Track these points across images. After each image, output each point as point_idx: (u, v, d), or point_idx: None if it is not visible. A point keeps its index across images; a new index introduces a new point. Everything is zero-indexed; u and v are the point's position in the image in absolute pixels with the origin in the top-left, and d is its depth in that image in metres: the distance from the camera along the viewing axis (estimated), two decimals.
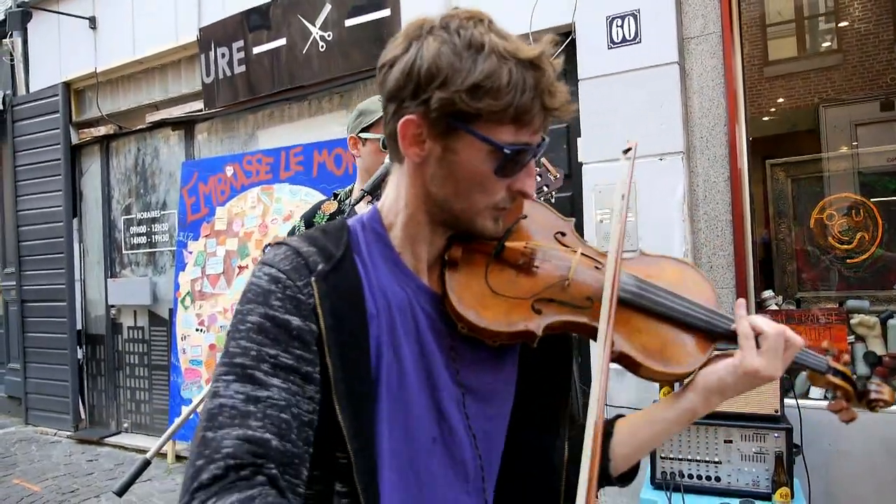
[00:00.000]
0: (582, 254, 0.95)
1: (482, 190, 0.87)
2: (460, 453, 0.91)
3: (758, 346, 0.95)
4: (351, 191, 2.48)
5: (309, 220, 2.46)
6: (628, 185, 0.98)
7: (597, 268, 0.95)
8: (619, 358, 0.93)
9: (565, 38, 3.90)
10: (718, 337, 0.98)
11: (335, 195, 2.50)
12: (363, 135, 2.31)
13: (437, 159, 0.86)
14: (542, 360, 0.98)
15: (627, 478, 1.06)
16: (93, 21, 6.47)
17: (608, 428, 1.03)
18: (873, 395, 1.00)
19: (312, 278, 0.84)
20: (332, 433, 0.82)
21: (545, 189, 1.97)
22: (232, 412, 0.76)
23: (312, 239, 0.90)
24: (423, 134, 0.85)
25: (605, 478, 1.02)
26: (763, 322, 0.96)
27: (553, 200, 0.93)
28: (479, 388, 0.93)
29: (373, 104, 2.33)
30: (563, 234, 0.98)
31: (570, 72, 4.01)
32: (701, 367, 0.97)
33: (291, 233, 2.49)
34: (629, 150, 1.06)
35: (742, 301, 1.02)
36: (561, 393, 1.01)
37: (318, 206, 2.49)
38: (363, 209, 1.98)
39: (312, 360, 0.82)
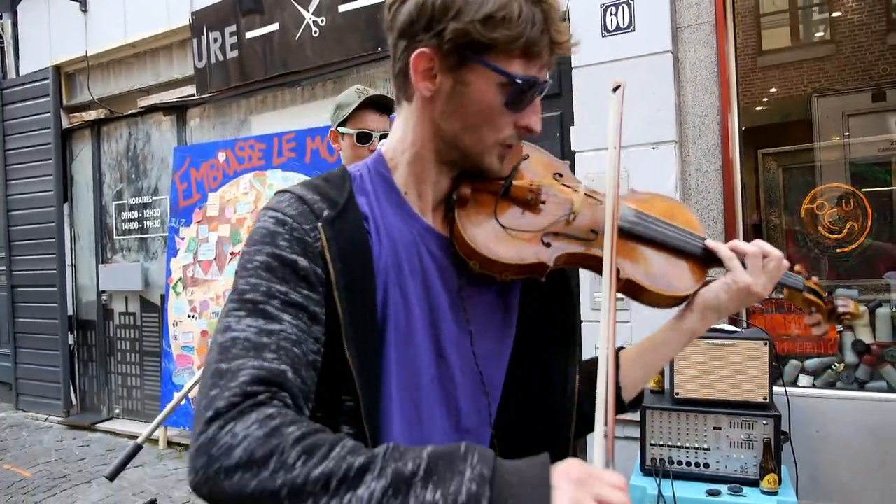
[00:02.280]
0: (584, 192, 1.00)
1: (491, 124, 0.89)
2: (454, 393, 0.92)
3: (743, 265, 1.02)
4: None
5: None
6: (620, 118, 1.03)
7: (598, 202, 1.01)
8: (626, 285, 0.98)
9: None
10: (713, 262, 1.05)
11: None
12: (340, 129, 2.30)
13: (448, 93, 0.87)
14: (542, 298, 1.00)
15: (637, 403, 1.11)
16: (83, 4, 6.39)
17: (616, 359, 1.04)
18: (841, 309, 1.08)
19: (319, 223, 0.85)
20: (339, 376, 0.83)
21: None
22: (245, 344, 0.76)
23: (315, 187, 0.90)
24: (434, 68, 0.86)
25: (619, 404, 1.06)
26: (741, 243, 1.03)
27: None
28: (485, 328, 0.95)
29: (348, 97, 2.31)
30: (561, 175, 1.02)
31: (563, 60, 4.00)
32: (698, 290, 1.04)
33: None
34: (618, 87, 1.11)
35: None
36: (564, 329, 1.03)
37: None
38: None
39: (319, 301, 0.82)
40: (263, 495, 0.66)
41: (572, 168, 3.84)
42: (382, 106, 2.31)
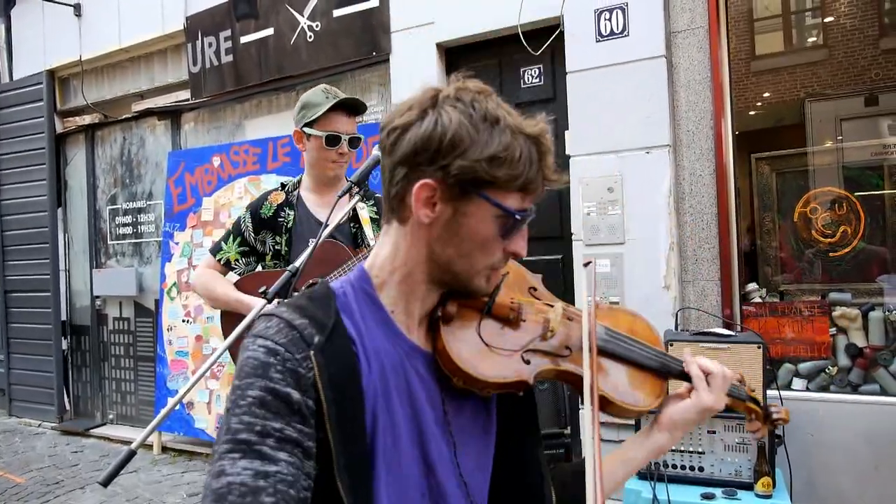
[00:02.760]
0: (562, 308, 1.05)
1: (484, 251, 0.93)
2: (444, 500, 0.93)
3: (707, 384, 1.10)
4: (299, 182, 2.42)
5: (255, 210, 2.38)
6: (594, 290, 1.10)
7: (570, 319, 1.06)
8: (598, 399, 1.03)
9: (553, 30, 3.91)
10: (672, 376, 1.12)
11: (282, 186, 2.43)
12: (307, 130, 2.24)
13: (447, 221, 0.91)
14: (514, 410, 1.04)
15: None
16: (77, 8, 6.39)
17: (582, 469, 1.09)
18: (775, 416, 1.18)
19: (311, 352, 0.85)
20: (331, 503, 0.83)
21: None
22: (242, 489, 0.75)
23: (301, 309, 0.90)
24: (435, 197, 0.90)
25: None
26: (708, 362, 1.11)
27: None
28: (467, 441, 0.98)
29: (316, 97, 2.26)
30: (535, 289, 1.08)
31: (558, 64, 4.02)
32: (660, 404, 1.11)
33: (237, 224, 2.42)
34: (588, 263, 1.20)
35: (688, 350, 1.14)
36: (535, 439, 1.07)
37: (265, 197, 2.41)
38: (346, 203, 1.97)
39: (312, 434, 0.82)
40: None
41: (567, 171, 3.86)
42: (352, 108, 2.28)
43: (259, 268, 2.43)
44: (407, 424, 0.91)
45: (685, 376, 1.11)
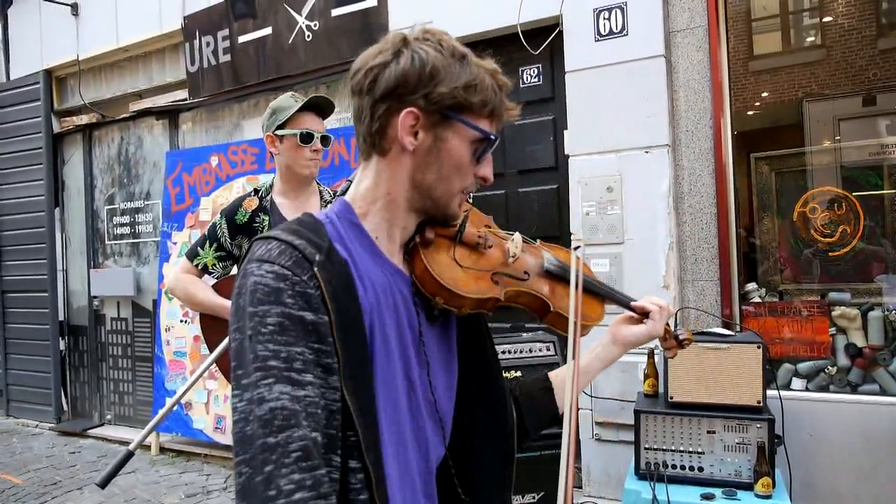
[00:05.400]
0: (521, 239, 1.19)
1: (460, 175, 1.03)
2: (421, 423, 1.02)
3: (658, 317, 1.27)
4: (271, 186, 2.52)
5: (230, 216, 2.44)
6: (579, 272, 1.20)
7: (526, 249, 1.21)
8: (556, 316, 1.18)
9: (552, 29, 3.90)
10: (616, 303, 1.30)
11: (256, 191, 2.52)
12: (280, 132, 2.35)
13: (428, 148, 1.00)
14: (470, 335, 1.15)
15: (561, 418, 1.28)
16: (75, 8, 6.38)
17: (547, 384, 1.28)
18: (681, 337, 1.31)
19: (315, 269, 0.89)
20: (343, 415, 0.89)
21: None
22: (285, 413, 0.80)
23: (296, 232, 0.95)
24: (417, 125, 0.99)
25: (555, 419, 1.27)
26: (657, 300, 1.28)
27: (470, 200, 1.18)
28: (438, 362, 1.07)
29: (285, 101, 2.37)
30: (490, 227, 1.19)
31: (557, 64, 4.02)
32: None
33: (212, 229, 2.47)
34: (578, 247, 1.32)
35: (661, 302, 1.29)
36: (495, 365, 1.19)
37: (239, 203, 2.48)
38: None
39: (329, 351, 0.88)
40: None
41: (566, 171, 3.86)
42: (320, 109, 2.40)
43: (234, 271, 2.47)
44: (395, 341, 0.98)
45: (631, 308, 1.28)
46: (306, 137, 2.34)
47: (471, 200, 1.16)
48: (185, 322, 5.32)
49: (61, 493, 4.74)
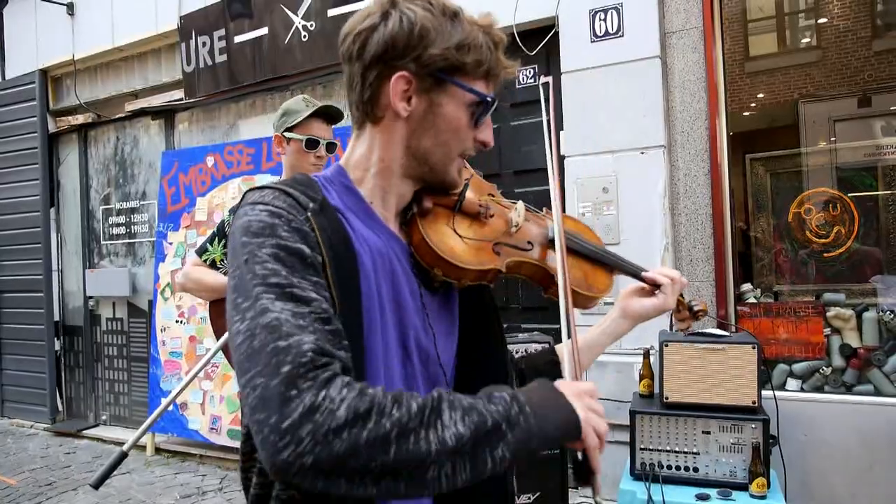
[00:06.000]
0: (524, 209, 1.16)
1: (457, 139, 0.99)
2: (417, 389, 0.99)
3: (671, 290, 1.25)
4: None
5: None
6: (552, 113, 1.14)
7: (529, 218, 1.17)
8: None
9: (548, 30, 3.91)
10: (626, 273, 1.28)
11: None
12: (288, 134, 2.41)
13: (423, 113, 0.97)
14: (473, 306, 1.12)
15: None
16: (70, 7, 6.36)
17: (554, 357, 1.27)
18: (696, 308, 1.31)
19: (309, 213, 0.88)
20: None
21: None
22: (292, 321, 0.76)
23: (291, 184, 0.93)
24: (410, 90, 0.95)
25: None
26: (670, 271, 1.27)
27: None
28: (440, 331, 1.04)
29: (297, 104, 2.42)
30: (493, 195, 1.14)
31: (553, 65, 4.02)
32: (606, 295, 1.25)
33: (221, 226, 2.55)
34: (546, 83, 1.24)
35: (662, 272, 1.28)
36: (498, 338, 1.14)
37: None
38: None
39: (325, 285, 0.84)
40: (377, 441, 0.70)
41: (562, 171, 3.86)
42: (329, 116, 2.46)
43: None
44: (390, 304, 0.95)
45: (642, 279, 1.27)
46: (311, 143, 2.40)
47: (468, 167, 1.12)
48: (181, 322, 5.31)
49: (56, 493, 4.72)
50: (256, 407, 0.71)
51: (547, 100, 1.15)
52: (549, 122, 1.12)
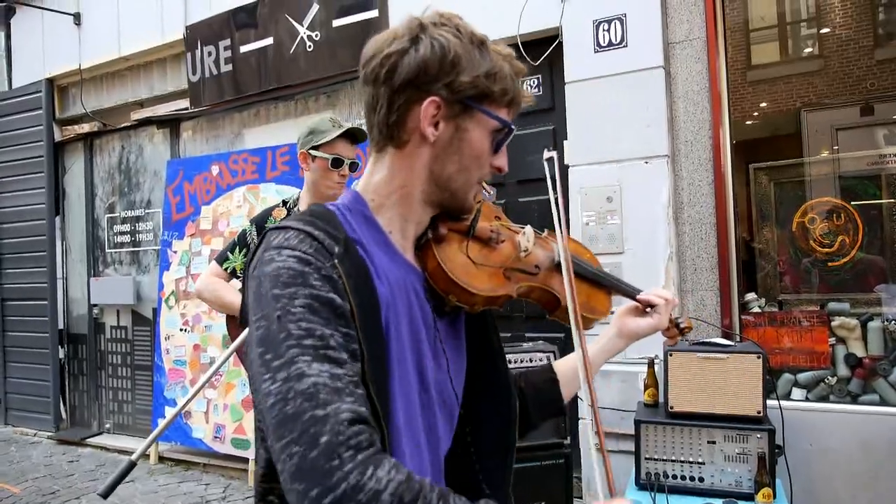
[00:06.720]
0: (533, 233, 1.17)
1: (478, 165, 1.00)
2: (434, 421, 1.00)
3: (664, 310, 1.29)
4: (297, 199, 2.65)
5: (260, 224, 2.60)
6: (558, 186, 1.14)
7: (537, 241, 1.18)
8: (564, 310, 1.15)
9: (552, 41, 3.93)
10: (622, 293, 1.32)
11: (284, 203, 2.66)
12: (313, 152, 2.47)
13: (449, 139, 0.97)
14: (477, 327, 1.13)
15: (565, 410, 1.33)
16: (77, 17, 6.41)
17: (552, 375, 1.29)
18: (682, 325, 1.34)
19: (335, 260, 0.86)
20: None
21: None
22: (328, 388, 0.76)
23: (312, 223, 0.90)
24: (438, 115, 0.95)
25: (560, 410, 1.29)
26: (663, 292, 1.30)
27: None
28: (452, 356, 1.05)
29: (324, 124, 2.49)
30: (500, 218, 1.16)
31: (557, 75, 4.04)
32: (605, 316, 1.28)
33: (242, 236, 2.61)
34: (550, 157, 1.23)
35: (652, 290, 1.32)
36: (500, 358, 1.16)
37: (269, 212, 2.63)
38: None
39: (355, 337, 0.84)
40: None
41: (566, 182, 3.87)
42: (354, 137, 2.53)
43: None
44: (409, 340, 0.95)
45: (636, 300, 1.30)
46: (336, 162, 2.47)
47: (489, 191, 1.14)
48: (185, 331, 5.32)
49: (59, 502, 4.72)
50: (295, 476, 0.72)
51: (553, 177, 1.15)
52: (556, 199, 1.11)
